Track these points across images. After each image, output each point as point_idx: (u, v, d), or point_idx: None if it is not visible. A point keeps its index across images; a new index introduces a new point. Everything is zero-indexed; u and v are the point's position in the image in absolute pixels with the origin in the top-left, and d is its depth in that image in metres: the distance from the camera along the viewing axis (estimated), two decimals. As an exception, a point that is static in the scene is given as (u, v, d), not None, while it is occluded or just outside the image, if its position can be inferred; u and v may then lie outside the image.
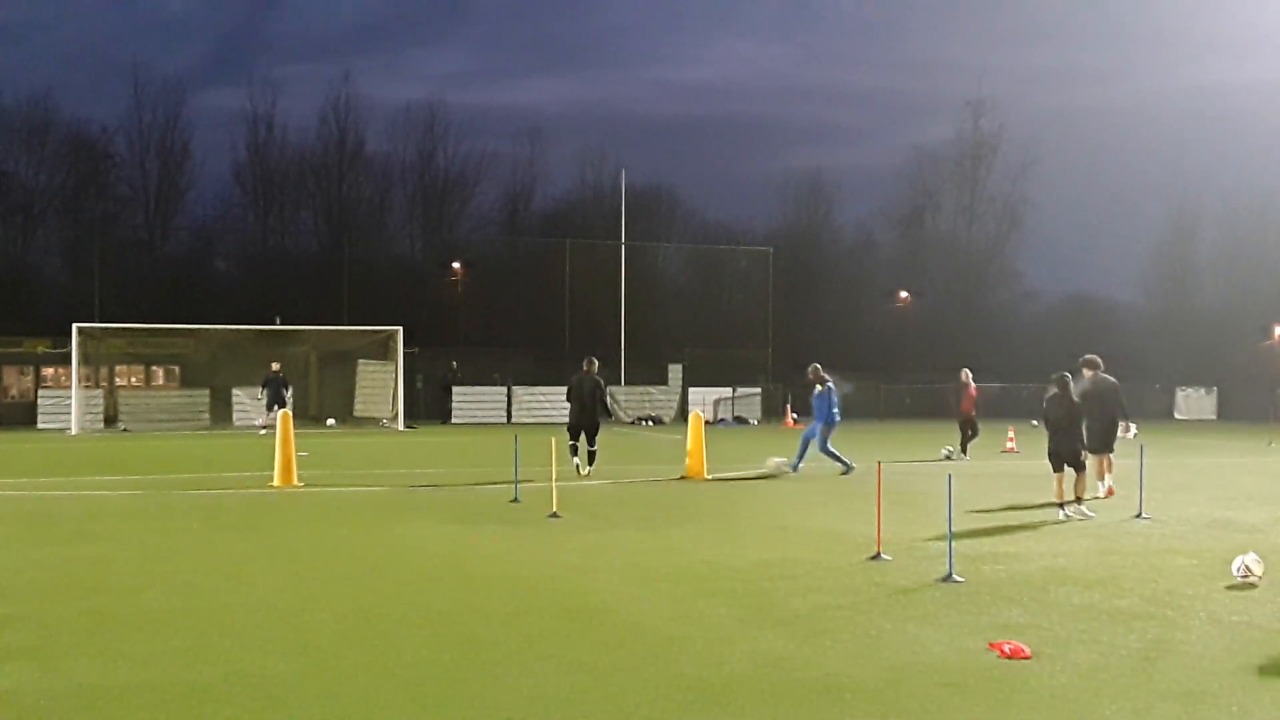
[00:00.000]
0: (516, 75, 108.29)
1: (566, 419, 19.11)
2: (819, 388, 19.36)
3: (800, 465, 19.23)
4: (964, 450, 23.28)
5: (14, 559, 10.20)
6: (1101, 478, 15.34)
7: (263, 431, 31.79)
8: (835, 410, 19.37)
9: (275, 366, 33.71)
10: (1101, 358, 15.75)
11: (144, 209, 60.27)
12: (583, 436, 18.57)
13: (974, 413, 23.74)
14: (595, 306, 48.84)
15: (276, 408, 31.90)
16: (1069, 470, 13.40)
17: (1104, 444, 15.28)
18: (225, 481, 17.51)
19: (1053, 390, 13.72)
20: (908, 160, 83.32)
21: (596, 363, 19.33)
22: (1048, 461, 13.56)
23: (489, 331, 53.32)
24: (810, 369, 19.96)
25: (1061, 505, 13.35)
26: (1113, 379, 15.51)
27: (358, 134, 63.37)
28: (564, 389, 20.02)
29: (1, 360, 41.46)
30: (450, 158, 64.62)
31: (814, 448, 19.32)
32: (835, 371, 20.68)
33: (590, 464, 18.37)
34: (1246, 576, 8.95)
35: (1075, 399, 13.76)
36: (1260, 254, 63.43)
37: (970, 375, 24.20)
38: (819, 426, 19.33)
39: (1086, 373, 15.52)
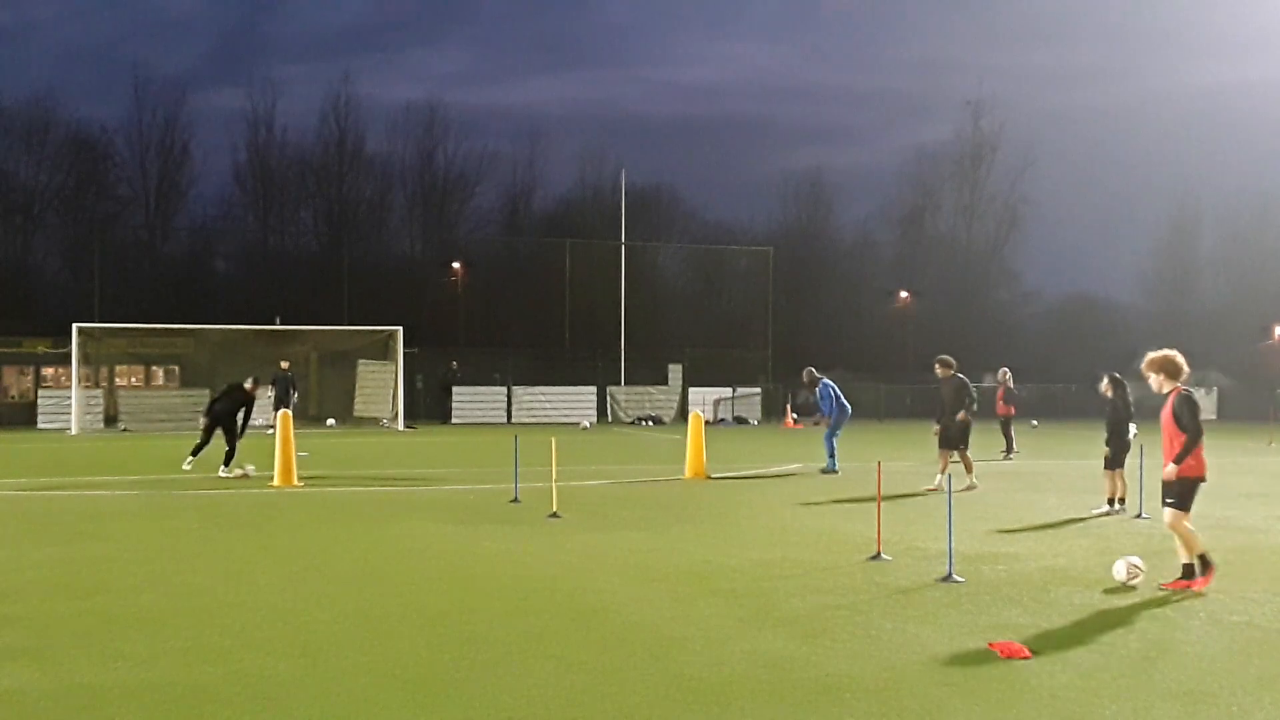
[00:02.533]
0: (516, 75, 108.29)
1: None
2: (817, 389, 19.68)
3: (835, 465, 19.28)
4: (1010, 451, 23.30)
5: (14, 559, 10.20)
6: (970, 470, 16.53)
7: (269, 431, 31.95)
8: (840, 403, 19.56)
9: (284, 365, 33.72)
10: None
11: (144, 209, 60.33)
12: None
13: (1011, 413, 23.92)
14: (595, 306, 48.86)
15: (291, 391, 32.15)
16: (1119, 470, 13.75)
17: (964, 439, 16.70)
18: (225, 481, 17.50)
19: (1109, 391, 13.92)
20: (908, 160, 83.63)
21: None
22: (1102, 463, 13.79)
23: (489, 331, 53.31)
24: (805, 373, 20.24)
25: (1122, 501, 13.65)
26: (964, 377, 16.98)
27: (358, 134, 63.47)
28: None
29: (2, 360, 41.46)
30: (450, 158, 64.72)
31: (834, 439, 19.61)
32: (835, 371, 20.74)
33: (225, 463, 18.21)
34: (1134, 578, 8.77)
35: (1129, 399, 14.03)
36: (1260, 254, 63.45)
37: (1009, 375, 24.27)
38: (825, 419, 19.65)
39: (940, 371, 16.56)
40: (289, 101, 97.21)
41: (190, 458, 18.83)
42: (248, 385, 19.28)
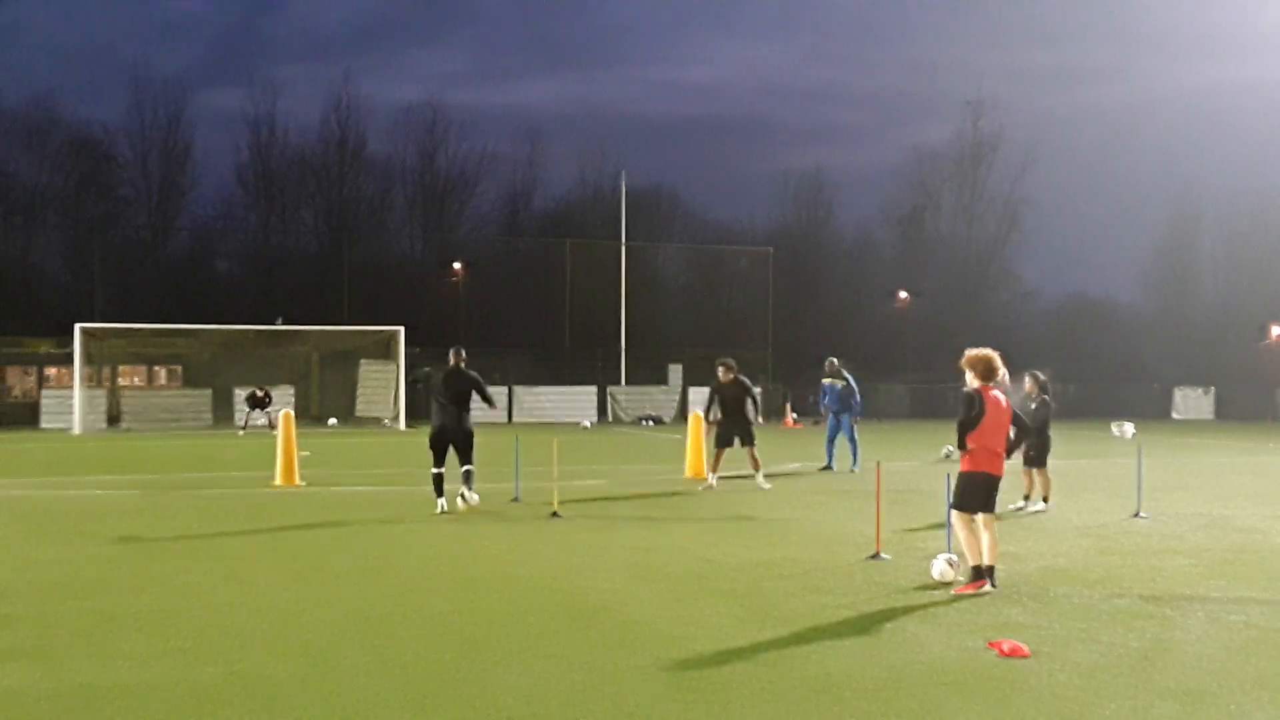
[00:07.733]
0: (516, 75, 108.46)
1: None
2: (840, 383, 19.77)
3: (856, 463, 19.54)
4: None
5: (14, 559, 10.21)
6: (758, 468, 16.51)
7: (259, 424, 32.69)
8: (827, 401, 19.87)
9: (260, 394, 34.44)
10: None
11: (145, 209, 60.45)
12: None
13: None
14: (595, 306, 48.89)
15: (259, 410, 33.23)
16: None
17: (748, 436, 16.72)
18: (226, 481, 17.51)
19: (1033, 390, 13.91)
20: (908, 160, 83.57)
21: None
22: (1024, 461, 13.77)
23: (489, 331, 53.34)
24: (828, 364, 20.24)
25: (1046, 499, 13.88)
26: (746, 379, 17.11)
27: (358, 134, 63.63)
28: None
29: (4, 360, 41.52)
30: (450, 158, 64.84)
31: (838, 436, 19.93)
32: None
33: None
34: (944, 575, 8.71)
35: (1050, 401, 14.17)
36: (1260, 254, 63.46)
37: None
38: (848, 417, 19.76)
39: (722, 374, 16.87)
40: (290, 101, 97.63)
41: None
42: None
